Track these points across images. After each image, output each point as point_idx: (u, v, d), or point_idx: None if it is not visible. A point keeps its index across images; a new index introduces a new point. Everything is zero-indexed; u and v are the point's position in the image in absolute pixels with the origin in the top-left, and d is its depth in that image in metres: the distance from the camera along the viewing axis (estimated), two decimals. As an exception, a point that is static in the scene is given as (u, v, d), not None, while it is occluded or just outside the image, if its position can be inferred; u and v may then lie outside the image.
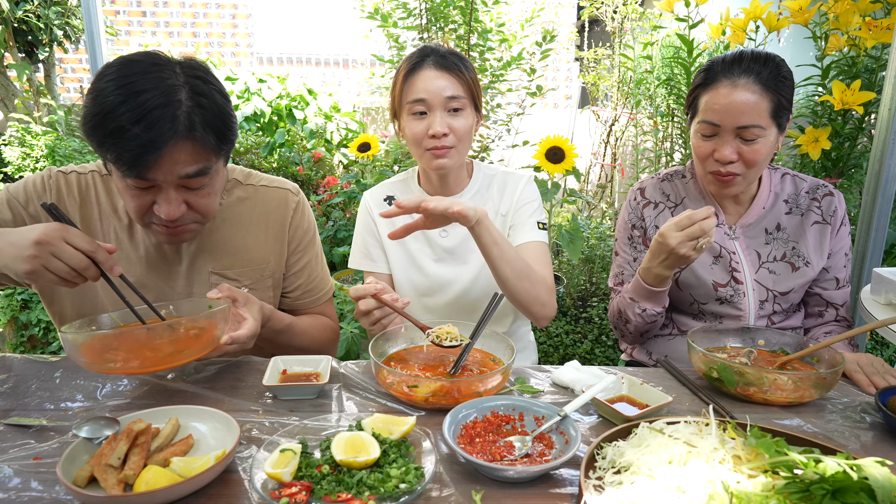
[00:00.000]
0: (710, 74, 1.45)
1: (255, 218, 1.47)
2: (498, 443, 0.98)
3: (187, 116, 1.12)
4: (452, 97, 1.49)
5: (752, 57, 1.42)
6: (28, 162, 4.10)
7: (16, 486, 0.87)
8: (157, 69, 1.13)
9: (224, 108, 1.19)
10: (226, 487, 0.88)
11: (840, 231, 1.59)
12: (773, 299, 1.59)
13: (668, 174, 1.70)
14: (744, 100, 1.39)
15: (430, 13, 3.07)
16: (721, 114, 1.41)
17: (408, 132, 1.53)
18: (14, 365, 1.29)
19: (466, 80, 1.52)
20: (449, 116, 1.50)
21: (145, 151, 1.09)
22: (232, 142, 1.24)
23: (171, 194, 1.19)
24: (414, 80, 1.50)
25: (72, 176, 1.37)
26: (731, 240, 1.60)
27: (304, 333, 1.49)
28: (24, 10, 4.61)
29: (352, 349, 2.69)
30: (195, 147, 1.15)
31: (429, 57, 1.51)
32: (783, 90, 1.41)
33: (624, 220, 1.72)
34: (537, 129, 3.33)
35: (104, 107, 1.08)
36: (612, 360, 2.98)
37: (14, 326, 3.43)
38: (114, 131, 1.08)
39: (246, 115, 5.00)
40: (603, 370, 1.30)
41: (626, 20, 4.87)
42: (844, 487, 0.72)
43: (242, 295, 1.27)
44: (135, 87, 1.09)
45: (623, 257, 1.72)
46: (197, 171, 1.17)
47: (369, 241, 1.70)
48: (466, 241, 1.65)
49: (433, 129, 1.48)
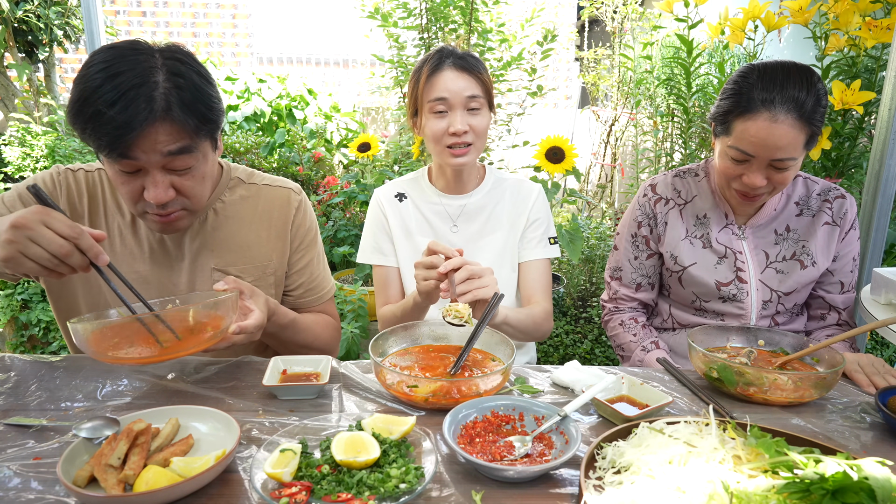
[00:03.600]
0: (748, 101, 1.35)
1: (257, 216, 1.48)
2: (498, 443, 0.98)
3: (164, 97, 1.12)
4: (472, 97, 1.54)
5: (795, 82, 1.33)
6: (28, 162, 4.10)
7: (16, 486, 0.87)
8: (135, 53, 1.13)
9: (202, 89, 1.19)
10: (226, 487, 0.88)
11: (849, 235, 1.58)
12: (776, 300, 1.58)
13: (682, 171, 1.69)
14: (782, 134, 1.32)
15: (430, 13, 3.07)
16: (757, 147, 1.36)
17: (428, 130, 1.57)
18: (14, 365, 1.29)
19: (484, 81, 1.57)
20: (468, 115, 1.55)
21: (123, 133, 1.09)
22: (215, 122, 1.23)
23: (158, 177, 1.18)
24: (435, 80, 1.55)
25: (80, 173, 1.38)
26: (739, 240, 1.59)
27: (308, 330, 1.50)
28: (24, 10, 4.61)
29: (352, 349, 2.69)
30: (174, 127, 1.15)
31: (448, 58, 1.56)
32: (819, 119, 1.35)
33: (631, 218, 1.71)
34: (537, 129, 3.34)
35: (83, 92, 1.09)
36: (612, 360, 2.98)
37: (14, 326, 3.43)
38: (93, 115, 1.09)
39: (246, 115, 5.00)
40: (603, 370, 1.30)
41: (626, 20, 4.87)
42: (844, 487, 0.72)
43: (248, 287, 1.27)
44: (112, 70, 1.09)
45: (623, 254, 1.72)
46: (179, 149, 1.17)
47: (380, 236, 1.74)
48: (476, 238, 1.71)
49: (454, 128, 1.53)
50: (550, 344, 3.05)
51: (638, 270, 1.71)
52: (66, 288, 1.39)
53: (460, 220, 1.71)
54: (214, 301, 1.15)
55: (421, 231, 1.73)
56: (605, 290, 1.81)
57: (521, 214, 1.71)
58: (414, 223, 1.73)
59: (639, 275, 1.72)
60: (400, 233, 1.73)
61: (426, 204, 1.73)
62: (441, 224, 1.72)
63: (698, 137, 3.11)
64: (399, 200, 1.75)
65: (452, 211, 1.72)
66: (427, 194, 1.74)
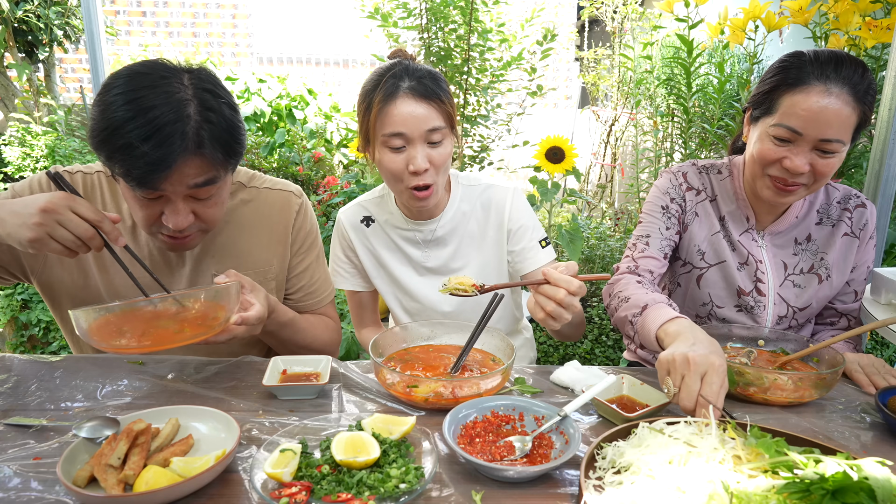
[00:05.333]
0: (799, 73, 1.28)
1: (257, 221, 1.47)
2: (498, 443, 0.98)
3: (196, 132, 1.11)
4: (433, 129, 1.39)
5: (849, 62, 1.26)
6: (28, 162, 4.10)
7: (16, 486, 0.87)
8: (165, 82, 1.11)
9: (233, 122, 1.19)
10: (226, 487, 0.88)
11: (868, 244, 1.52)
12: (791, 315, 1.53)
13: (705, 166, 1.59)
14: (836, 109, 1.24)
15: (430, 13, 3.07)
16: (807, 122, 1.26)
17: (385, 166, 1.42)
18: (14, 365, 1.29)
19: (445, 108, 1.42)
20: (429, 148, 1.41)
21: (155, 169, 1.09)
22: (240, 154, 1.24)
23: (180, 205, 1.19)
24: (390, 110, 1.37)
25: (77, 176, 1.37)
26: (759, 247, 1.52)
27: (307, 330, 1.49)
28: (24, 10, 4.61)
29: (352, 349, 2.69)
30: (203, 161, 1.15)
31: (403, 81, 1.38)
32: (870, 105, 1.28)
33: (663, 191, 1.56)
34: (537, 129, 3.33)
35: (112, 122, 1.07)
36: (612, 360, 2.98)
37: (14, 326, 3.43)
38: (123, 147, 1.07)
39: (246, 115, 5.00)
40: (603, 370, 1.30)
41: (626, 20, 4.88)
42: (844, 487, 0.72)
43: (249, 282, 1.28)
44: (144, 103, 1.08)
45: (651, 224, 1.55)
46: (205, 181, 1.18)
47: (347, 261, 1.69)
48: (451, 260, 1.62)
49: (415, 165, 1.38)
50: (550, 344, 3.05)
51: (667, 241, 1.54)
52: (61, 293, 1.38)
53: (432, 245, 1.62)
54: (217, 289, 1.15)
55: (393, 257, 1.64)
56: (624, 259, 1.57)
57: (500, 226, 1.60)
58: (384, 250, 1.64)
59: (667, 244, 1.54)
60: (369, 260, 1.66)
61: (394, 230, 1.63)
62: (413, 250, 1.62)
63: (698, 137, 3.11)
64: (366, 225, 1.64)
65: (423, 236, 1.61)
66: (395, 217, 1.62)
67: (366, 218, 1.65)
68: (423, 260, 1.63)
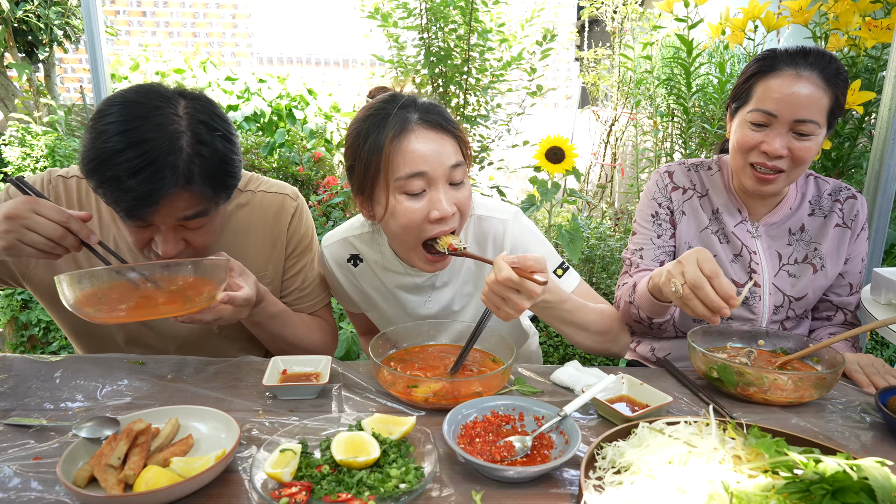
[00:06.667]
0: (770, 62, 1.39)
1: (253, 225, 1.47)
2: (498, 443, 0.98)
3: (186, 166, 1.10)
4: (456, 165, 1.20)
5: (816, 52, 1.37)
6: (28, 162, 4.10)
7: (16, 486, 0.87)
8: (158, 112, 1.10)
9: (226, 156, 1.17)
10: (226, 487, 0.88)
11: (860, 236, 1.55)
12: (787, 305, 1.55)
13: (695, 164, 1.65)
14: (807, 92, 1.33)
15: (430, 13, 3.07)
16: (780, 103, 1.34)
17: (403, 217, 1.19)
18: (14, 365, 1.29)
19: (463, 140, 1.25)
20: (452, 190, 1.21)
21: (142, 204, 1.08)
22: (233, 187, 1.22)
23: (170, 235, 1.19)
24: (405, 147, 1.16)
25: (72, 181, 1.36)
26: (753, 238, 1.55)
27: (298, 326, 1.48)
28: (24, 10, 4.61)
29: (352, 349, 2.69)
30: (192, 196, 1.14)
31: (412, 113, 1.19)
32: (842, 89, 1.37)
33: (649, 198, 1.63)
34: (537, 129, 3.33)
35: (103, 152, 1.06)
36: (612, 360, 2.98)
37: (14, 326, 3.43)
38: (111, 179, 1.07)
39: (246, 115, 5.00)
40: (603, 370, 1.30)
41: (626, 20, 4.88)
42: (844, 487, 0.72)
43: (238, 266, 1.27)
44: (135, 135, 1.06)
45: (643, 235, 1.62)
46: (195, 214, 1.17)
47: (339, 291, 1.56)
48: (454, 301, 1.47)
49: (441, 210, 1.18)
50: (550, 344, 3.05)
51: (661, 248, 1.60)
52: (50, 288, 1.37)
53: (434, 292, 1.45)
54: (205, 262, 1.15)
55: (385, 301, 1.49)
56: (622, 274, 1.65)
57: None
58: (376, 293, 1.49)
59: (662, 252, 1.60)
60: (359, 297, 1.54)
61: (389, 274, 1.44)
62: (410, 296, 1.46)
63: (698, 137, 3.11)
64: (353, 265, 1.46)
65: (423, 281, 1.43)
66: (389, 261, 1.41)
67: (353, 257, 1.46)
68: (424, 307, 1.47)
